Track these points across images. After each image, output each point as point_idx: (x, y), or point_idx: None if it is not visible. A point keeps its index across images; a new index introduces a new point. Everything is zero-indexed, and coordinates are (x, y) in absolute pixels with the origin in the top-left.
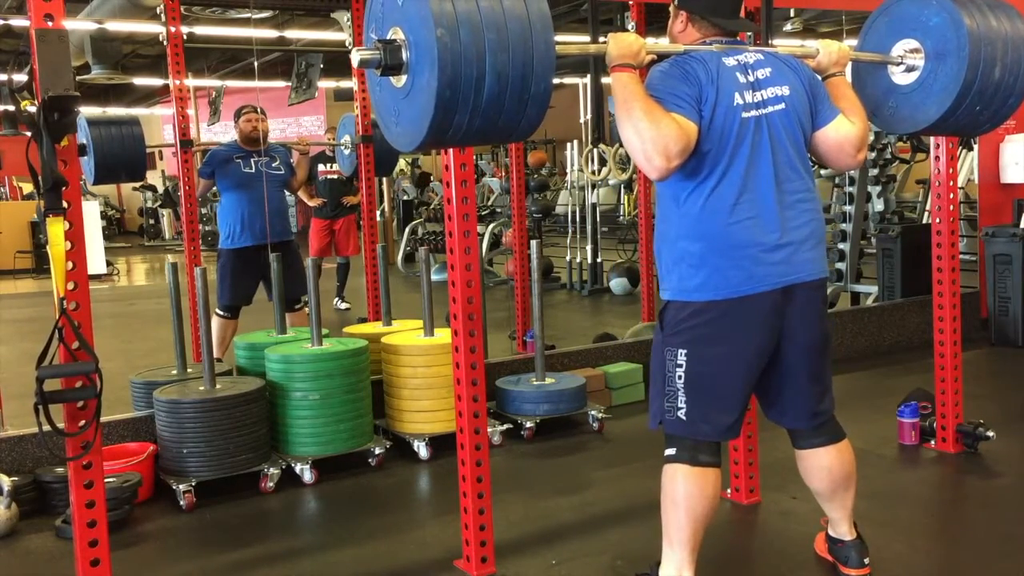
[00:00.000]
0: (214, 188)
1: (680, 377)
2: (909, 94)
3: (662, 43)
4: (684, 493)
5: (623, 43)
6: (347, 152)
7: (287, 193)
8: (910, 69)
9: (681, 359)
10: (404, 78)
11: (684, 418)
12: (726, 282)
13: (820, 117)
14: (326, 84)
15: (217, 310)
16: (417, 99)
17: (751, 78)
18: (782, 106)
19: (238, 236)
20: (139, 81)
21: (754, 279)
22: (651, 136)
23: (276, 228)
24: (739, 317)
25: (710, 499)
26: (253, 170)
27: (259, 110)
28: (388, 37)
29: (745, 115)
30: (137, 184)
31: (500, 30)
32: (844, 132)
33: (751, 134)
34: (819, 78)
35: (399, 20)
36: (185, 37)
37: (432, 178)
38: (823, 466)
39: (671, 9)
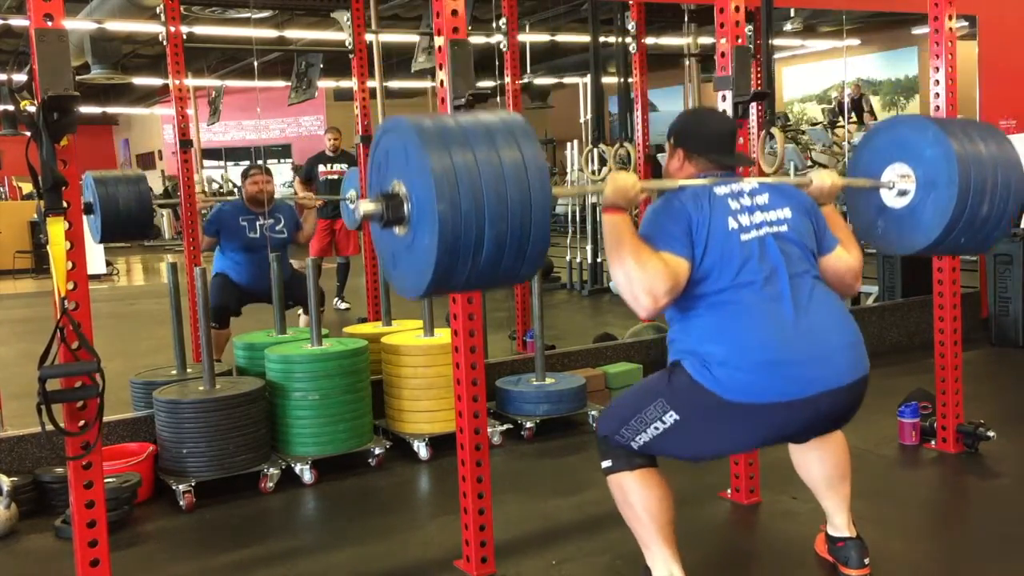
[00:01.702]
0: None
1: (655, 429)
2: (900, 218)
3: (658, 180)
4: (635, 496)
5: (618, 186)
6: (352, 207)
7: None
8: (902, 193)
9: (668, 419)
10: (406, 230)
11: (635, 448)
12: (749, 387)
13: (823, 244)
14: (326, 84)
15: None
16: (417, 255)
17: (747, 203)
18: (785, 227)
19: (235, 277)
20: (139, 81)
21: (778, 388)
22: (638, 276)
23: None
24: (752, 420)
25: (661, 495)
26: (258, 235)
27: (265, 170)
28: (391, 190)
29: (745, 237)
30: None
31: (501, 200)
32: (844, 263)
33: (757, 252)
34: (817, 205)
35: (403, 175)
36: (185, 37)
37: None
38: (816, 458)
39: (667, 146)
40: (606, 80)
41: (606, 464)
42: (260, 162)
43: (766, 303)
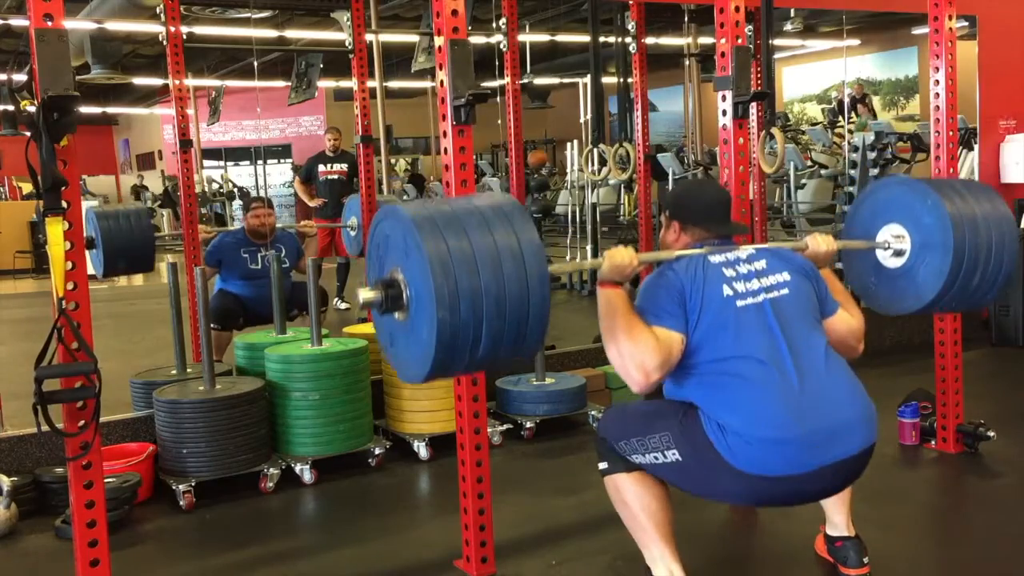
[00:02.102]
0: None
1: (655, 459)
2: (894, 279)
3: (654, 252)
4: (632, 496)
5: (616, 261)
6: (353, 234)
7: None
8: (898, 253)
9: (670, 456)
10: (405, 315)
11: (633, 463)
12: (757, 459)
13: (825, 307)
14: (326, 84)
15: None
16: (416, 343)
17: (743, 270)
18: (786, 291)
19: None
20: (139, 81)
21: (786, 463)
22: (629, 351)
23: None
24: (756, 487)
25: (657, 493)
26: (259, 266)
27: (267, 203)
28: (389, 277)
29: (741, 303)
30: (137, 184)
31: (499, 300)
32: (847, 326)
33: (755, 320)
34: (816, 269)
35: (401, 263)
36: (185, 37)
37: (432, 178)
38: None
39: (663, 219)
40: (606, 80)
41: (603, 466)
42: (259, 167)
43: (770, 376)
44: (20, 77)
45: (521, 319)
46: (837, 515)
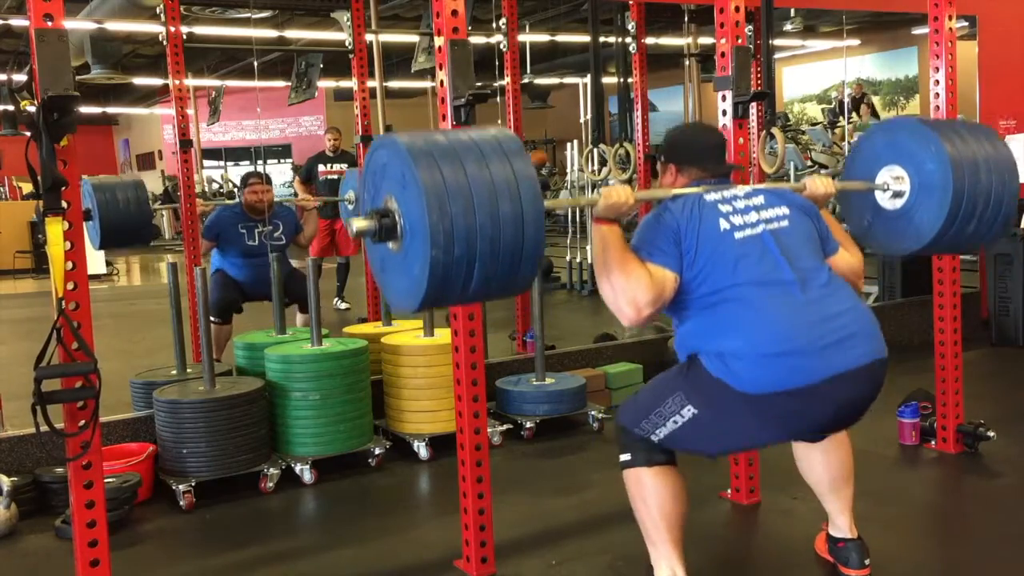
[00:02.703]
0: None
1: (674, 423)
2: (893, 220)
3: (651, 190)
4: (650, 492)
5: (612, 199)
6: (351, 208)
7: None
8: (897, 195)
9: (686, 412)
10: (399, 246)
11: (654, 441)
12: (766, 378)
13: (827, 246)
14: (326, 84)
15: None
16: (408, 275)
17: (740, 205)
18: (786, 223)
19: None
20: (139, 81)
21: (796, 375)
22: (621, 286)
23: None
24: (773, 411)
25: (677, 494)
26: (257, 243)
27: (265, 179)
28: (383, 206)
29: (739, 235)
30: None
31: (493, 219)
32: (847, 264)
33: (754, 247)
34: (816, 207)
35: (396, 192)
36: (185, 37)
37: None
38: (820, 459)
39: (659, 165)
40: (606, 80)
41: (625, 457)
42: (260, 169)
43: (773, 295)
44: (20, 77)
45: (515, 257)
46: (840, 517)
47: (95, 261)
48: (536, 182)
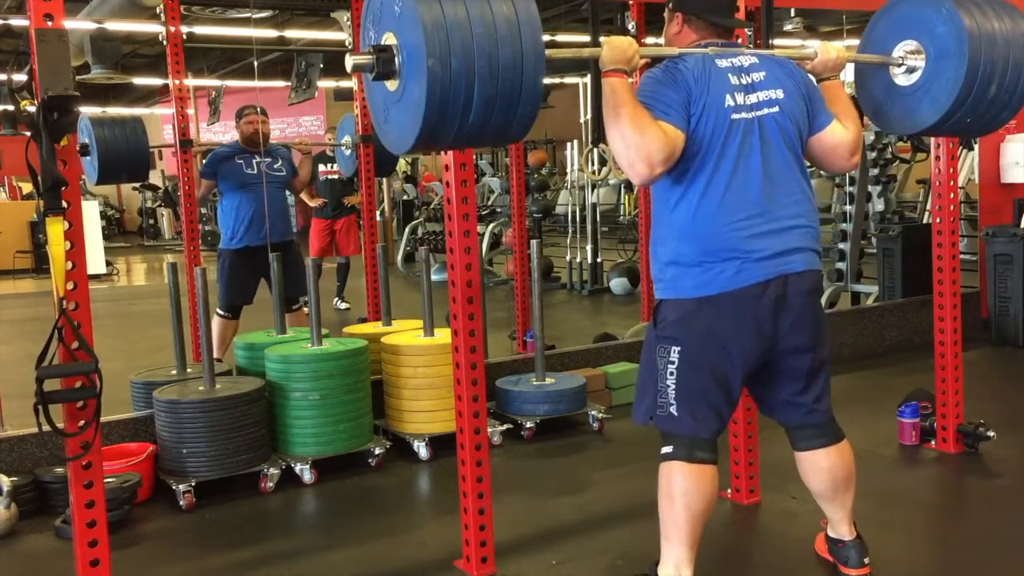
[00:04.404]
0: (215, 190)
1: (672, 374)
2: (907, 96)
3: (656, 47)
4: (681, 489)
5: (616, 48)
6: (347, 152)
7: (288, 193)
8: (911, 70)
9: (674, 356)
10: (397, 83)
11: (675, 413)
12: (718, 279)
13: (816, 121)
14: (326, 84)
15: (217, 310)
16: (407, 109)
17: (744, 80)
18: (776, 109)
19: (239, 237)
20: (139, 81)
21: (745, 273)
22: (635, 143)
23: (277, 229)
24: (731, 313)
25: (707, 496)
26: (255, 171)
27: (260, 111)
28: (382, 42)
29: (735, 116)
30: (138, 184)
31: (492, 58)
32: (839, 137)
33: (741, 135)
34: (815, 82)
35: (393, 26)
36: (185, 37)
37: (421, 177)
38: (823, 467)
39: (666, 13)
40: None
41: (666, 450)
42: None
43: (737, 197)
44: (20, 77)
45: (514, 85)
46: (840, 523)
47: (95, 261)
48: (535, 14)
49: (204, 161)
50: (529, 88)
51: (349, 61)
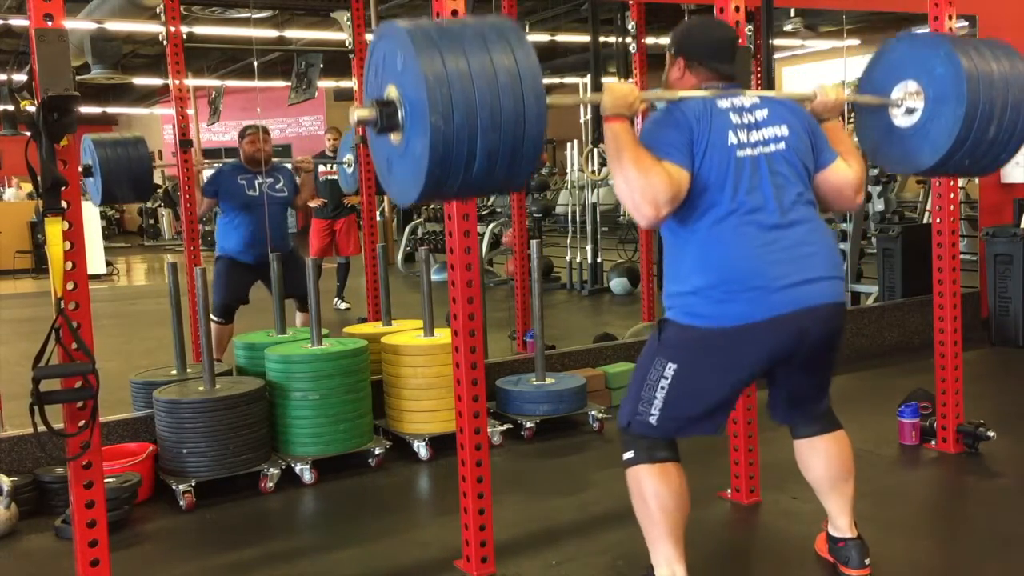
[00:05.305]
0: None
1: (662, 388)
2: (906, 138)
3: (657, 91)
4: (652, 492)
5: (617, 94)
6: (349, 171)
7: (289, 209)
8: (910, 111)
9: (668, 372)
10: (400, 136)
11: (654, 424)
12: (733, 312)
13: (820, 159)
14: (326, 84)
15: (212, 315)
16: (410, 162)
17: (747, 119)
18: (782, 145)
19: (237, 254)
20: (139, 81)
21: (764, 306)
22: (640, 186)
23: (276, 245)
24: (741, 345)
25: (677, 492)
26: (257, 192)
27: (263, 130)
28: (385, 95)
29: (741, 154)
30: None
31: (494, 111)
32: (843, 176)
33: (749, 170)
34: (816, 121)
35: (396, 80)
36: (185, 37)
37: None
38: (820, 455)
39: (667, 56)
40: (606, 80)
41: (627, 455)
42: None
43: (753, 230)
44: (20, 77)
45: (516, 136)
46: (840, 516)
47: (95, 261)
48: (536, 65)
49: (206, 179)
50: (531, 139)
51: (353, 114)
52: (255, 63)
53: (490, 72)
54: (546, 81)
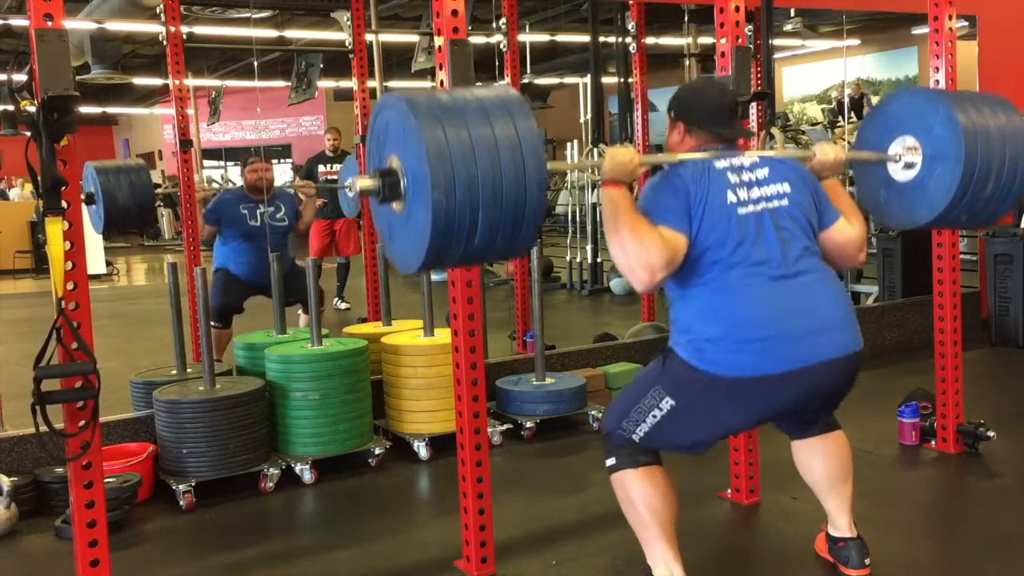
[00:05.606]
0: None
1: (653, 417)
2: (904, 192)
3: (656, 155)
4: (639, 495)
5: (618, 160)
6: (351, 195)
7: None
8: (908, 166)
9: (664, 405)
10: (402, 205)
11: (636, 440)
12: (743, 362)
13: (824, 217)
14: (326, 84)
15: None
16: (412, 232)
17: (745, 177)
18: (785, 201)
19: (237, 273)
20: (139, 81)
21: (773, 361)
22: (634, 250)
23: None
24: (748, 396)
25: (663, 493)
26: (258, 223)
27: (264, 159)
28: (387, 164)
29: (742, 211)
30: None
31: (496, 182)
32: (846, 234)
33: (752, 226)
34: (817, 179)
35: (398, 150)
36: (185, 37)
37: None
38: (819, 456)
39: (668, 120)
40: (606, 80)
41: (610, 462)
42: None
43: (760, 281)
44: (20, 77)
45: (518, 205)
46: (839, 516)
47: (95, 261)
48: (538, 136)
49: (208, 206)
50: (532, 207)
51: (356, 185)
52: (255, 63)
53: (491, 143)
54: (546, 81)
